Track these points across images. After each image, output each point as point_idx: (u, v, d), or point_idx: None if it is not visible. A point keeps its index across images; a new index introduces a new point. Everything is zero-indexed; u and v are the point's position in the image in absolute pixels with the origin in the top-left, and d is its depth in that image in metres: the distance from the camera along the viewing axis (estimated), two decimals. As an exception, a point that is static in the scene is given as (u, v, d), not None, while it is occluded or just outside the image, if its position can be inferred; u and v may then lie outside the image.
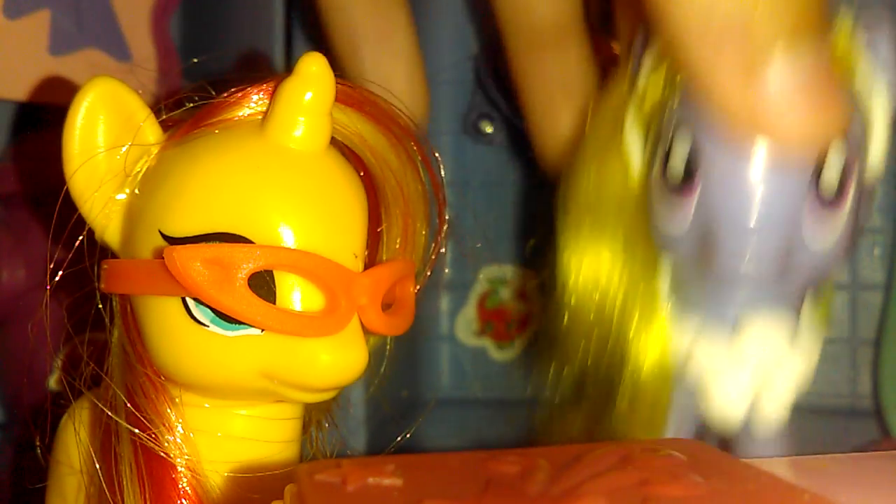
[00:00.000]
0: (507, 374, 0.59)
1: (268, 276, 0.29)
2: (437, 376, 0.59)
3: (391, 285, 0.32)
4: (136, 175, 0.30)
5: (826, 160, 0.30)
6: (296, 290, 0.29)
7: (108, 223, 0.31)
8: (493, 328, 0.60)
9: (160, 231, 0.29)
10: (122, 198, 0.31)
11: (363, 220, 0.31)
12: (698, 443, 0.24)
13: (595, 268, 0.35)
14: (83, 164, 0.30)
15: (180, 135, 0.31)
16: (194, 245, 0.28)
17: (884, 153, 0.32)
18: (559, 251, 0.37)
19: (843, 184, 0.31)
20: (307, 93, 0.29)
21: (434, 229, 0.36)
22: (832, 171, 0.30)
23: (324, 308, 0.29)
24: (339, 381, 0.29)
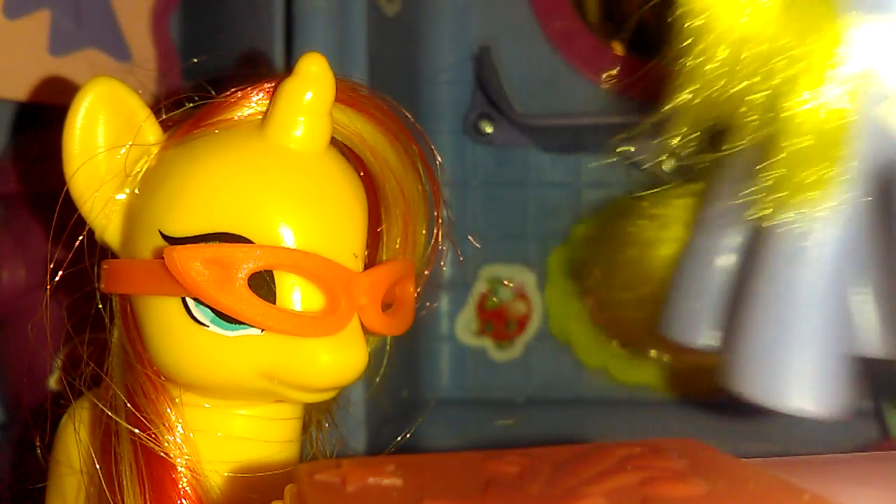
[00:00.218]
0: (506, 374, 0.59)
1: (268, 276, 0.29)
2: (437, 376, 0.59)
3: (391, 285, 0.32)
4: (136, 175, 0.30)
5: None
6: (296, 290, 0.29)
7: (108, 223, 0.31)
8: (493, 328, 0.60)
9: (160, 231, 0.29)
10: (122, 198, 0.31)
11: (363, 220, 0.31)
12: (699, 443, 0.24)
13: None
14: (83, 164, 0.30)
15: (180, 135, 0.31)
16: (194, 245, 0.28)
17: None
18: None
19: None
20: (307, 93, 0.29)
21: (434, 229, 0.36)
22: None
23: (324, 308, 0.29)
24: (339, 381, 0.29)
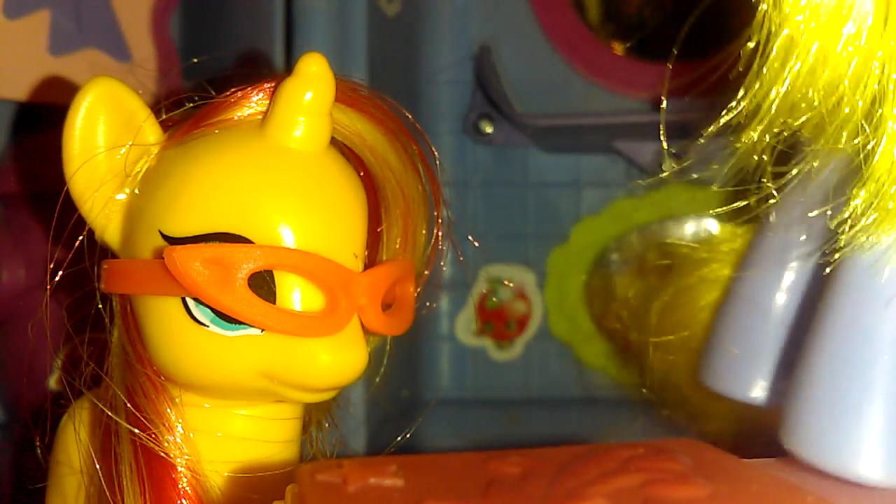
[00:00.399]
0: (506, 373, 0.59)
1: (268, 276, 0.29)
2: (437, 376, 0.59)
3: (391, 285, 0.31)
4: (136, 175, 0.30)
5: None
6: (296, 290, 0.29)
7: (108, 223, 0.31)
8: (493, 328, 0.60)
9: (160, 231, 0.29)
10: (122, 198, 0.31)
11: (363, 220, 0.31)
12: (701, 443, 0.24)
13: None
14: (83, 164, 0.30)
15: (180, 135, 0.31)
16: (194, 245, 0.28)
17: None
18: None
19: None
20: (307, 93, 0.29)
21: (434, 229, 0.36)
22: None
23: (324, 308, 0.29)
24: (339, 381, 0.29)
